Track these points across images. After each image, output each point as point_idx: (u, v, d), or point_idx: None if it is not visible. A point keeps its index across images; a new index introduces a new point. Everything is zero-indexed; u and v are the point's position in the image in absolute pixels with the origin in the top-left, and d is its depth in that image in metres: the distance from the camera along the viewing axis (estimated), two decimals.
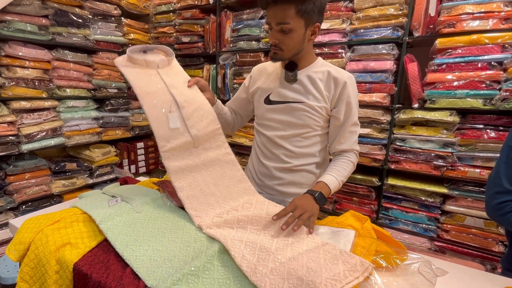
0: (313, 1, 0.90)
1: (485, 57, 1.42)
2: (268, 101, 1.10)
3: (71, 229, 0.90)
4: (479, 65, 1.44)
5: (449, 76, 1.49)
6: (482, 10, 1.42)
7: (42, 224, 0.92)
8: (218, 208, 0.91)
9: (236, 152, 2.48)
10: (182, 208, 0.99)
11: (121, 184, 1.22)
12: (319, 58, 1.07)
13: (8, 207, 1.87)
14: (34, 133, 1.92)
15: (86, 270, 0.76)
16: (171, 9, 2.52)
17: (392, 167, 1.75)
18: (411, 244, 1.72)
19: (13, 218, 1.61)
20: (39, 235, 0.88)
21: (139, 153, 2.65)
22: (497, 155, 0.91)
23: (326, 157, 1.17)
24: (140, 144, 2.66)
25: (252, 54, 2.14)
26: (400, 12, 1.62)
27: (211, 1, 2.28)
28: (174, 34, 2.54)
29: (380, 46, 1.67)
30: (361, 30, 1.74)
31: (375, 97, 1.71)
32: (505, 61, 1.40)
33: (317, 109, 1.03)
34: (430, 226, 1.70)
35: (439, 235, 1.69)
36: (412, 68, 1.58)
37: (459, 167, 1.57)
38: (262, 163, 1.15)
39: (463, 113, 1.56)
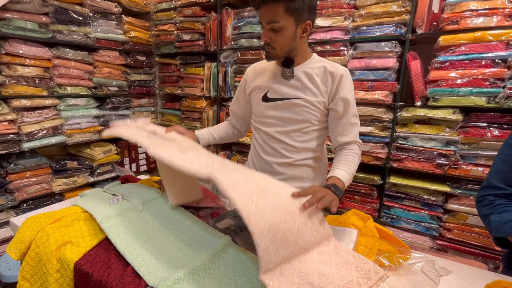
0: None
1: (489, 55, 1.40)
2: (266, 99, 1.10)
3: (72, 228, 0.90)
4: (483, 63, 1.43)
5: (453, 74, 1.48)
6: (487, 7, 1.41)
7: (43, 223, 0.92)
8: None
9: (237, 151, 2.47)
10: (183, 207, 0.99)
11: (122, 183, 1.22)
12: (314, 54, 1.09)
13: (9, 206, 1.86)
14: (35, 132, 1.91)
15: (87, 269, 0.76)
16: (172, 7, 2.51)
17: (394, 166, 1.74)
18: (413, 243, 1.71)
19: (14, 217, 1.61)
20: (40, 234, 0.88)
21: (140, 152, 2.64)
22: None
23: (324, 152, 1.19)
24: None
25: (254, 52, 2.13)
26: (403, 9, 1.60)
27: None
28: (175, 32, 2.53)
29: (383, 44, 1.65)
30: (364, 28, 1.72)
31: (378, 95, 1.70)
32: (509, 59, 1.38)
33: (315, 104, 1.04)
34: (432, 225, 1.69)
35: (441, 234, 1.68)
36: (415, 66, 1.56)
37: (462, 166, 1.55)
38: (263, 159, 1.16)
39: (466, 111, 1.55)
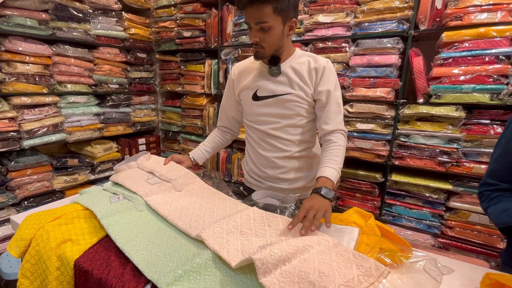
0: None
1: (493, 51, 1.38)
2: (256, 98, 1.13)
3: (72, 226, 0.89)
4: (487, 59, 1.41)
5: (456, 70, 1.46)
6: (491, 2, 1.39)
7: (43, 221, 0.91)
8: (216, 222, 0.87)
9: (238, 148, 2.47)
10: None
11: None
12: (297, 49, 1.12)
13: (10, 203, 1.87)
14: (35, 129, 1.91)
15: (87, 267, 0.75)
16: (172, 3, 2.49)
17: (396, 163, 1.73)
18: (415, 241, 1.71)
19: (15, 214, 1.62)
20: (40, 232, 0.88)
21: (141, 149, 2.64)
22: None
23: (317, 140, 1.23)
24: (142, 140, 2.66)
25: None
26: (406, 5, 1.58)
27: None
28: (176, 29, 2.51)
29: (385, 40, 1.63)
30: (366, 24, 1.71)
31: (379, 92, 1.68)
32: None
33: (304, 97, 1.08)
34: (434, 223, 1.68)
35: (443, 232, 1.67)
36: (418, 62, 1.55)
37: (465, 163, 1.54)
38: (262, 155, 1.18)
39: (469, 108, 1.54)
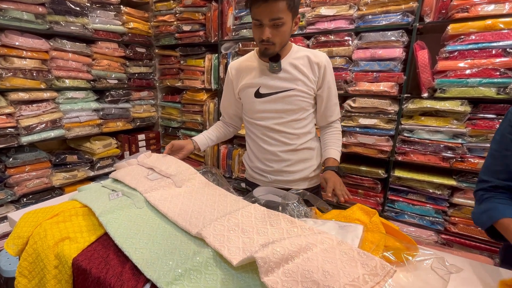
0: None
1: (500, 43, 1.35)
2: (259, 95, 1.13)
3: (70, 223, 0.88)
4: (493, 52, 1.38)
5: (461, 64, 1.43)
6: None
7: (41, 218, 0.90)
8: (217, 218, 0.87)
9: (239, 144, 2.44)
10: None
11: None
12: (293, 44, 1.14)
13: (9, 200, 1.85)
14: (34, 125, 1.89)
15: (85, 265, 0.74)
16: None
17: (399, 159, 1.71)
18: (417, 237, 1.69)
19: (14, 211, 1.61)
20: (38, 229, 0.86)
21: (141, 145, 2.62)
22: None
23: (315, 130, 1.27)
24: (142, 136, 2.63)
25: (255, 43, 2.07)
26: None
27: None
28: (175, 23, 2.47)
29: (389, 33, 1.60)
30: (369, 16, 1.67)
31: (383, 87, 1.65)
32: None
33: (307, 92, 1.11)
34: (437, 219, 1.67)
35: (446, 228, 1.66)
36: (422, 56, 1.51)
37: (469, 159, 1.52)
38: (268, 150, 1.18)
39: (475, 103, 1.51)
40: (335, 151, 1.16)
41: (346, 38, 1.73)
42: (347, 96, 1.83)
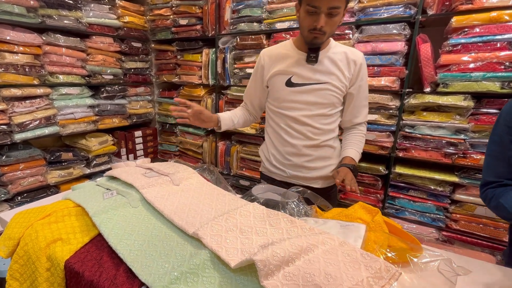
0: None
1: (505, 36, 1.32)
2: (291, 84, 1.11)
3: (63, 224, 0.85)
4: (498, 45, 1.34)
5: (465, 58, 1.39)
6: None
7: (32, 219, 0.87)
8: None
9: (237, 140, 2.41)
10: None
11: None
12: (331, 39, 1.11)
13: (3, 199, 1.82)
14: (27, 122, 1.85)
15: (78, 268, 0.71)
16: None
17: (400, 155, 1.68)
18: (418, 234, 1.68)
19: (9, 210, 1.58)
20: (29, 231, 0.83)
21: (137, 142, 2.59)
22: None
23: (338, 129, 1.25)
24: (138, 133, 2.60)
25: (254, 37, 2.03)
26: None
27: None
28: (171, 17, 2.42)
29: (391, 26, 1.56)
30: (370, 9, 1.63)
31: (384, 81, 1.62)
32: None
33: (340, 88, 1.10)
34: (439, 216, 1.65)
35: (448, 225, 1.64)
36: (425, 49, 1.48)
37: (472, 155, 1.49)
38: (289, 143, 1.17)
39: (478, 97, 1.48)
40: (355, 152, 1.15)
41: (347, 32, 1.69)
42: None
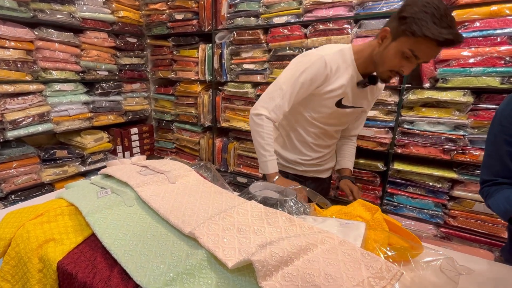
0: None
1: (506, 30, 1.30)
2: (340, 105, 1.11)
3: (55, 224, 0.83)
4: (498, 40, 1.33)
5: (465, 53, 1.38)
6: None
7: (24, 219, 0.84)
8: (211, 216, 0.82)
9: (234, 137, 2.39)
10: None
11: None
12: None
13: None
14: (20, 119, 1.81)
15: (71, 269, 0.69)
16: None
17: (399, 152, 1.67)
18: (416, 231, 1.68)
19: (2, 209, 1.55)
20: (20, 231, 0.81)
21: (133, 139, 2.56)
22: None
23: None
24: (134, 130, 2.57)
25: (251, 32, 2.00)
26: None
27: None
28: (167, 11, 2.38)
29: None
30: (369, 3, 1.60)
31: None
32: None
33: (366, 110, 1.26)
34: (437, 212, 1.65)
35: (446, 222, 1.64)
36: None
37: (471, 151, 1.49)
38: (311, 148, 1.23)
39: (478, 93, 1.46)
40: (351, 163, 1.35)
41: (345, 26, 1.67)
42: None
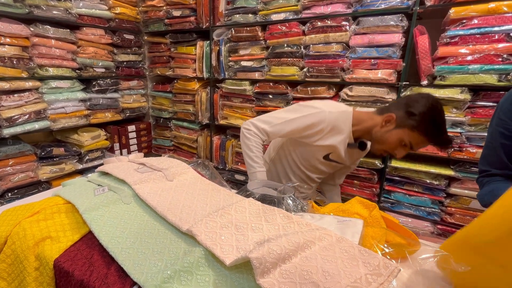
0: None
1: (503, 28, 1.30)
2: (327, 158, 1.16)
3: (52, 221, 0.82)
4: (496, 37, 1.33)
5: (463, 50, 1.38)
6: None
7: (20, 216, 0.84)
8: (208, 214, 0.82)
9: (232, 135, 2.38)
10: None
11: None
12: None
13: None
14: (16, 116, 1.79)
15: (68, 267, 0.69)
16: None
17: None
18: (413, 228, 1.69)
19: None
20: (16, 229, 0.80)
21: (131, 137, 2.55)
22: None
23: None
24: (132, 127, 2.55)
25: (249, 29, 1.99)
26: None
27: None
28: (164, 8, 2.36)
29: (388, 17, 1.53)
30: (368, 0, 1.59)
31: (381, 74, 1.60)
32: None
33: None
34: (434, 210, 1.65)
35: (443, 219, 1.65)
36: (423, 41, 1.46)
37: (468, 148, 1.49)
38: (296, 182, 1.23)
39: (475, 90, 1.47)
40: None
41: (343, 23, 1.66)
42: (344, 85, 1.77)
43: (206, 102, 2.36)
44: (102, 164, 1.10)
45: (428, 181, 1.63)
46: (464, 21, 1.37)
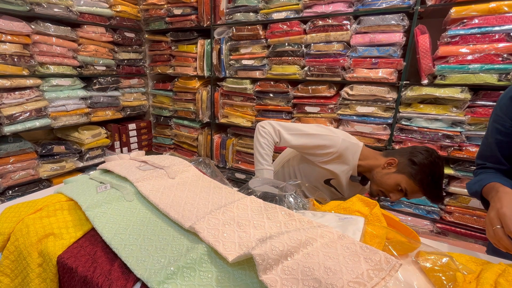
0: None
1: (504, 27, 1.31)
2: (328, 183, 1.18)
3: (55, 218, 0.83)
4: (496, 37, 1.33)
5: (463, 49, 1.38)
6: None
7: (23, 213, 0.84)
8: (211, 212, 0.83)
9: (233, 133, 2.39)
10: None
11: None
12: None
13: None
14: (17, 114, 1.79)
15: (71, 264, 0.69)
16: None
17: (397, 148, 1.68)
18: (413, 227, 1.69)
19: (0, 204, 1.54)
20: (19, 225, 0.81)
21: (131, 135, 2.55)
22: None
23: None
24: (132, 125, 2.55)
25: (250, 27, 1.99)
26: None
27: None
28: (165, 6, 2.35)
29: (389, 17, 1.54)
30: None
31: (382, 73, 1.60)
32: None
33: None
34: (433, 208, 1.66)
35: (442, 217, 1.65)
36: (423, 41, 1.46)
37: (467, 147, 1.50)
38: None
39: (475, 90, 1.47)
40: None
41: (345, 22, 1.67)
42: (344, 84, 1.78)
43: (207, 101, 2.36)
44: (103, 162, 1.11)
45: None
46: (465, 21, 1.38)
